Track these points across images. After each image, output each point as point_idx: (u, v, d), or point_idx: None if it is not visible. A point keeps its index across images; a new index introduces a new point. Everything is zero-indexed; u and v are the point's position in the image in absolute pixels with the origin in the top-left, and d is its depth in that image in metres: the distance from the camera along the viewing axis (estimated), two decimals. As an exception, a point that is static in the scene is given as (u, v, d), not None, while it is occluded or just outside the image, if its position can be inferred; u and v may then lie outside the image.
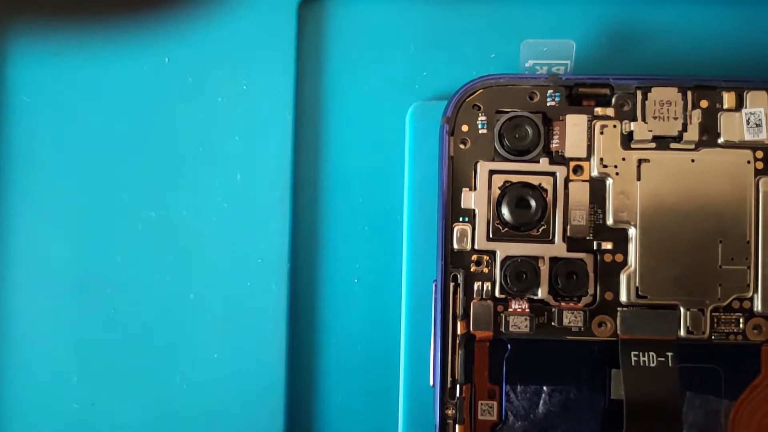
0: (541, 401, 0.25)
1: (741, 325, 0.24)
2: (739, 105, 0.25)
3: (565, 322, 0.24)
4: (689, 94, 0.25)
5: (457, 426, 0.24)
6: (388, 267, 0.27)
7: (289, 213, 0.27)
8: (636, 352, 0.24)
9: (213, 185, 0.27)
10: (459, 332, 0.24)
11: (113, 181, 0.27)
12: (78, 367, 0.27)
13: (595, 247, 0.24)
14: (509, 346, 0.25)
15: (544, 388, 0.25)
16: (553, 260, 0.24)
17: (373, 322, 0.27)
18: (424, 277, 0.26)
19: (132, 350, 0.27)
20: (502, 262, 0.24)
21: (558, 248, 0.24)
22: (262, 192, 0.27)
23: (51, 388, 0.27)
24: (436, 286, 0.25)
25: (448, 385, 0.24)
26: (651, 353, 0.24)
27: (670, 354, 0.24)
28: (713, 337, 0.24)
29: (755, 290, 0.24)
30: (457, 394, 0.24)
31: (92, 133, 0.27)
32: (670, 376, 0.24)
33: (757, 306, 0.24)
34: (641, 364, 0.24)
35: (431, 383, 0.25)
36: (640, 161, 0.24)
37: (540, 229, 0.25)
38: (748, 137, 0.24)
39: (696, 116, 0.25)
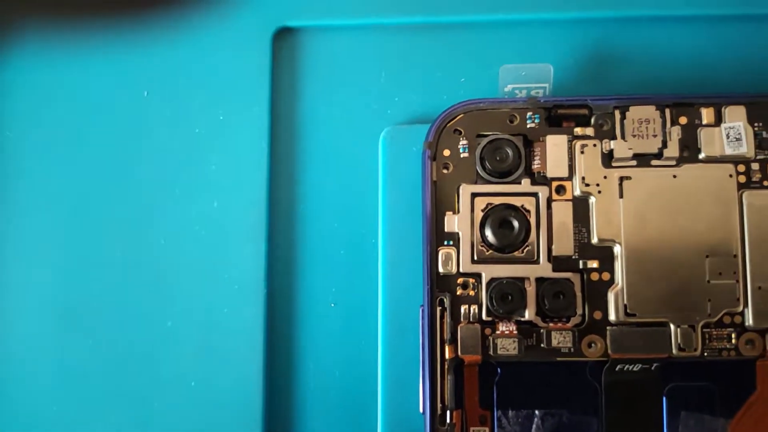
0: (534, 426, 0.24)
1: (733, 341, 0.24)
2: (718, 120, 0.25)
3: (554, 343, 0.24)
4: (667, 111, 0.25)
5: (448, 453, 0.24)
6: (364, 291, 0.27)
7: (265, 239, 0.27)
8: (622, 364, 0.24)
9: (190, 213, 0.27)
10: (447, 357, 0.24)
11: (91, 211, 0.27)
12: (57, 396, 0.27)
13: (581, 267, 0.24)
14: (499, 369, 0.24)
15: (536, 411, 0.24)
16: (540, 281, 0.24)
17: (351, 347, 0.27)
18: (401, 301, 0.26)
19: (110, 378, 0.27)
20: (488, 284, 0.24)
21: (543, 269, 0.24)
22: (239, 219, 0.27)
23: (30, 417, 0.26)
24: (423, 310, 0.24)
25: (438, 412, 0.24)
26: (637, 363, 0.24)
27: (655, 364, 0.24)
28: (706, 354, 0.24)
29: (745, 304, 0.24)
30: (448, 421, 0.24)
31: (70, 162, 0.28)
32: (651, 379, 0.24)
33: (749, 320, 0.24)
34: (624, 369, 0.24)
35: (421, 410, 0.24)
36: (621, 179, 0.24)
37: (525, 250, 0.24)
38: (728, 151, 0.25)
39: (675, 133, 0.25)
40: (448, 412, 0.24)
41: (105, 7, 0.28)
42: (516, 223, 0.24)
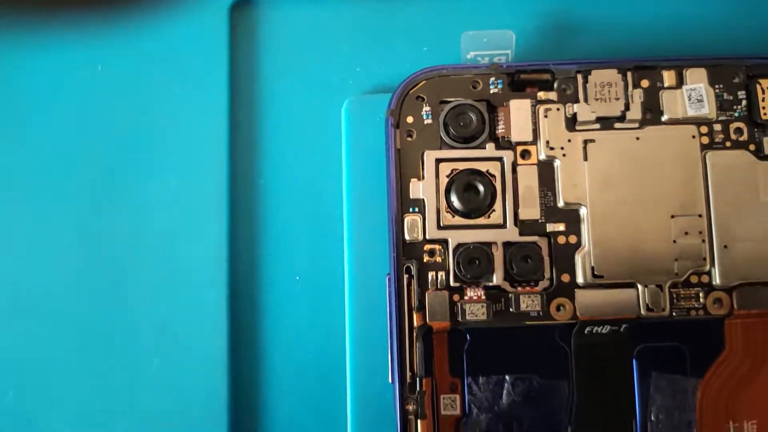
0: (505, 391, 0.24)
1: (701, 300, 0.24)
2: (680, 83, 0.25)
3: (523, 307, 0.24)
4: (629, 74, 0.25)
5: (419, 421, 0.23)
6: (329, 263, 0.26)
7: (226, 214, 0.27)
8: (591, 326, 0.24)
9: (150, 190, 0.27)
10: (416, 324, 0.24)
11: (48, 189, 0.27)
12: (13, 383, 0.26)
13: (547, 230, 0.24)
14: (468, 336, 0.24)
15: (507, 377, 0.24)
16: (507, 245, 0.24)
17: (317, 320, 0.26)
18: (367, 270, 0.26)
19: (69, 359, 0.26)
20: (455, 249, 0.24)
21: (510, 233, 0.24)
22: (200, 194, 0.27)
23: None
24: (389, 279, 0.24)
25: (408, 380, 0.24)
26: (605, 324, 0.24)
27: (624, 325, 0.24)
28: (674, 314, 0.24)
29: (712, 264, 0.24)
30: (418, 389, 0.24)
31: (26, 141, 0.27)
32: (621, 340, 0.24)
33: (716, 279, 0.24)
34: (593, 332, 0.24)
35: (390, 379, 0.24)
36: (585, 142, 0.24)
37: (491, 215, 0.24)
38: (690, 113, 0.25)
39: (638, 95, 0.25)
40: (417, 381, 0.24)
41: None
42: (481, 188, 0.24)
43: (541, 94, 0.25)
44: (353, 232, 0.26)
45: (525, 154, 0.25)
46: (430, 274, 0.24)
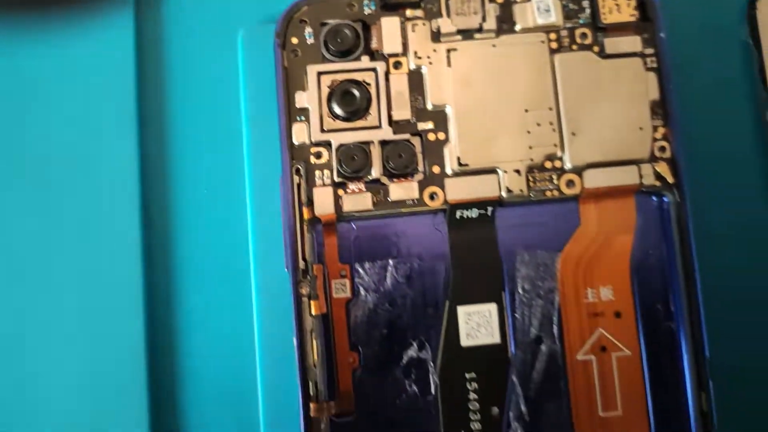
0: (389, 274, 0.27)
1: (555, 182, 0.27)
2: (530, -3, 0.28)
3: (400, 196, 0.27)
4: (486, -9, 0.28)
5: (311, 302, 0.26)
6: (232, 173, 0.29)
7: (136, 135, 0.29)
8: (461, 211, 0.27)
9: (58, 119, 0.29)
10: (305, 217, 0.27)
11: None
12: None
13: (419, 129, 0.27)
14: (354, 226, 0.27)
15: (390, 261, 0.27)
16: (383, 143, 0.27)
17: (224, 220, 0.29)
18: (265, 175, 0.28)
19: None
20: (337, 149, 0.27)
21: (385, 133, 0.27)
22: (108, 120, 0.29)
23: None
24: (282, 180, 0.27)
25: (301, 267, 0.27)
26: (473, 209, 0.27)
27: (489, 208, 0.27)
28: (531, 195, 0.27)
29: (563, 150, 0.27)
30: (310, 274, 0.26)
31: None
32: (488, 222, 0.27)
33: (567, 163, 0.27)
34: (464, 217, 0.27)
35: (286, 267, 0.27)
36: (449, 51, 0.28)
37: (368, 118, 0.27)
38: (540, 21, 0.28)
39: (493, 10, 0.28)
40: (309, 267, 0.26)
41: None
42: (358, 94, 0.27)
43: (409, 12, 0.28)
44: (251, 144, 0.29)
45: (397, 65, 0.28)
46: (317, 173, 0.27)
